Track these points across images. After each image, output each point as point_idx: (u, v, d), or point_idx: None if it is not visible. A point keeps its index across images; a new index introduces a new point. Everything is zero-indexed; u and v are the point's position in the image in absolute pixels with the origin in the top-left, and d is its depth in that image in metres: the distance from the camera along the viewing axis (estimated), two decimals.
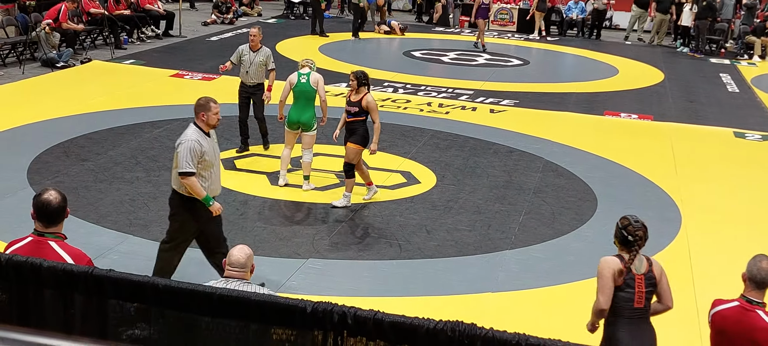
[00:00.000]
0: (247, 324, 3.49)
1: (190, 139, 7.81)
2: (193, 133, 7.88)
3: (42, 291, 3.76)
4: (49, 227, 5.28)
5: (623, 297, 5.90)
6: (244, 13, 28.61)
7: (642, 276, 5.94)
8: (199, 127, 7.93)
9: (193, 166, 7.75)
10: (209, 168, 7.96)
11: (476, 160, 13.31)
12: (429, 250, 9.80)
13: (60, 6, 19.85)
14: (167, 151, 12.79)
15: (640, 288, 5.91)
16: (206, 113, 7.91)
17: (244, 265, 5.67)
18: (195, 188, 7.82)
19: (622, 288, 5.89)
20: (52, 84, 17.17)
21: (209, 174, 7.97)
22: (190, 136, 7.85)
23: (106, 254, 9.01)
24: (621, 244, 6.01)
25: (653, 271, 6.00)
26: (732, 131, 16.16)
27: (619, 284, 5.88)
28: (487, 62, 22.89)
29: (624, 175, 13.00)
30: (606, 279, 5.89)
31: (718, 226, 11.15)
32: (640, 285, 5.92)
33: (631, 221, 6.01)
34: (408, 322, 3.41)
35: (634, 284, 5.90)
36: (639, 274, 5.93)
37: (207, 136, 7.95)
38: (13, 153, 12.36)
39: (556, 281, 9.12)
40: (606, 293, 5.89)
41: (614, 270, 5.88)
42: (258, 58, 12.84)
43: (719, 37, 26.82)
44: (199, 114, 7.93)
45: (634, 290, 5.90)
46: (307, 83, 11.42)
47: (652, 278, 5.99)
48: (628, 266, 5.90)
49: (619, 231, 6.03)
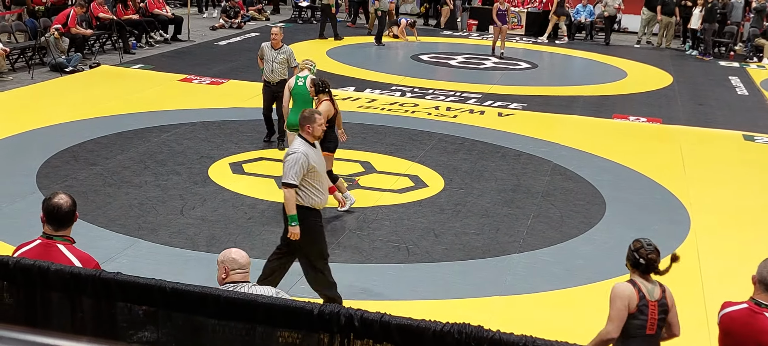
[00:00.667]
0: (254, 326, 3.50)
1: (299, 151, 7.88)
2: (301, 145, 7.95)
3: (49, 294, 3.77)
4: (58, 230, 5.30)
5: (636, 324, 5.77)
6: (252, 17, 28.66)
7: (655, 303, 5.80)
8: (305, 138, 8.01)
9: (297, 180, 7.79)
10: (319, 179, 8.02)
11: (484, 163, 13.30)
12: (437, 254, 9.79)
13: (69, 11, 19.90)
14: (175, 156, 12.83)
15: (653, 315, 5.78)
16: (311, 126, 7.98)
17: (245, 266, 5.72)
18: (291, 202, 7.86)
19: (635, 315, 5.75)
20: (61, 88, 17.23)
21: (320, 184, 8.04)
22: (299, 148, 7.92)
23: (114, 258, 9.03)
24: (633, 267, 5.88)
25: (666, 298, 5.88)
26: (741, 134, 16.12)
27: (632, 311, 5.74)
28: (495, 66, 22.88)
29: (633, 178, 12.98)
30: (619, 309, 5.75)
31: (727, 229, 11.12)
32: (653, 312, 5.79)
33: (643, 244, 5.86)
34: (415, 324, 3.40)
35: (648, 311, 5.78)
36: (652, 300, 5.80)
37: (313, 146, 8.03)
38: (22, 157, 12.40)
39: (564, 285, 9.11)
40: (617, 322, 5.75)
41: (628, 299, 5.75)
42: (280, 56, 13.42)
43: (728, 40, 26.76)
44: (305, 127, 8.01)
45: (647, 317, 5.78)
46: (304, 86, 11.47)
47: (665, 305, 5.85)
48: (642, 292, 5.78)
49: (631, 254, 5.88)
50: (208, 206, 10.90)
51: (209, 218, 10.48)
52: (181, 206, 10.81)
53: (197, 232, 10.02)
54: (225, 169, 12.40)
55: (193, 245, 9.63)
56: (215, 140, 13.78)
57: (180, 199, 11.08)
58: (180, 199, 11.08)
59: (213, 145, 13.52)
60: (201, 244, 9.66)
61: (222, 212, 10.70)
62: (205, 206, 10.87)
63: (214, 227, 10.22)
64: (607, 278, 9.27)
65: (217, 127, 14.59)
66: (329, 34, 25.31)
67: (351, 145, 12.60)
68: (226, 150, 13.21)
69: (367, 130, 14.83)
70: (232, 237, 9.87)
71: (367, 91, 18.23)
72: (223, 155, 12.97)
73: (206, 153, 13.06)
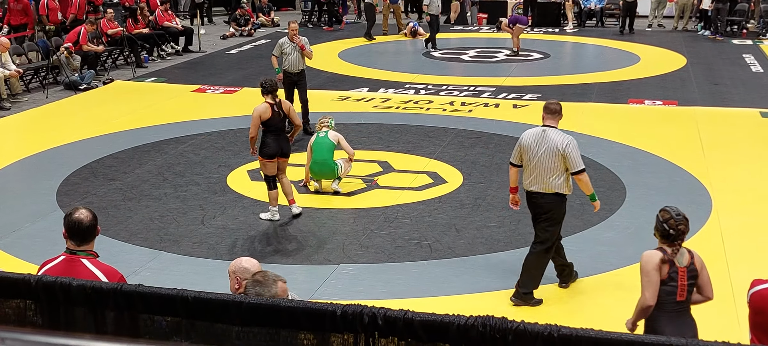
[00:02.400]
0: (278, 330, 3.49)
1: (572, 138, 8.30)
2: (566, 134, 8.35)
3: (73, 310, 3.77)
4: (81, 245, 5.31)
5: (666, 291, 5.82)
6: (262, 24, 28.70)
7: (684, 269, 5.85)
8: None
9: (583, 163, 8.22)
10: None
11: (502, 156, 13.25)
12: (459, 249, 9.78)
13: (79, 29, 19.99)
14: (193, 166, 12.85)
15: (683, 281, 5.83)
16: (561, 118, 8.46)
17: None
18: (589, 184, 8.31)
19: (665, 282, 5.81)
20: (76, 106, 17.30)
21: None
22: (570, 136, 8.33)
23: (138, 271, 9.06)
24: (662, 237, 5.90)
25: (695, 263, 5.91)
26: (758, 111, 16.01)
27: (663, 277, 5.79)
28: (508, 58, 22.82)
29: (651, 162, 12.91)
30: (651, 274, 5.80)
31: (750, 207, 11.05)
32: (683, 278, 5.84)
33: (672, 214, 5.87)
34: (438, 319, 3.39)
35: (678, 277, 5.82)
36: (682, 266, 5.85)
37: None
38: (41, 177, 12.46)
39: (588, 272, 9.07)
40: (652, 288, 5.80)
41: (658, 264, 5.79)
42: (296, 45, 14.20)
43: (740, 17, 26.60)
44: (556, 119, 8.39)
45: (677, 283, 5.83)
46: (326, 137, 11.60)
47: (694, 269, 5.90)
48: (672, 259, 5.82)
49: (660, 224, 5.89)
50: (228, 214, 10.92)
51: (230, 226, 10.50)
52: (201, 216, 10.84)
53: (219, 241, 10.04)
54: (244, 176, 12.42)
55: (215, 254, 9.64)
56: (232, 149, 13.81)
57: (200, 209, 11.11)
58: (200, 209, 11.11)
59: (230, 153, 13.55)
60: (223, 253, 9.68)
61: (242, 220, 10.71)
62: (225, 215, 10.89)
63: (236, 234, 10.24)
64: (630, 263, 9.23)
65: (233, 135, 14.61)
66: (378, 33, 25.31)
67: (368, 145, 12.59)
68: (243, 158, 13.22)
69: (383, 129, 14.82)
70: (254, 244, 9.89)
71: (380, 91, 18.22)
72: (240, 163, 12.99)
73: (224, 162, 13.08)
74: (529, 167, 8.29)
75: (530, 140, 8.28)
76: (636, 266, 9.12)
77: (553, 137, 8.19)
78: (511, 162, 8.54)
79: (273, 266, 8.64)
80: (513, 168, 8.55)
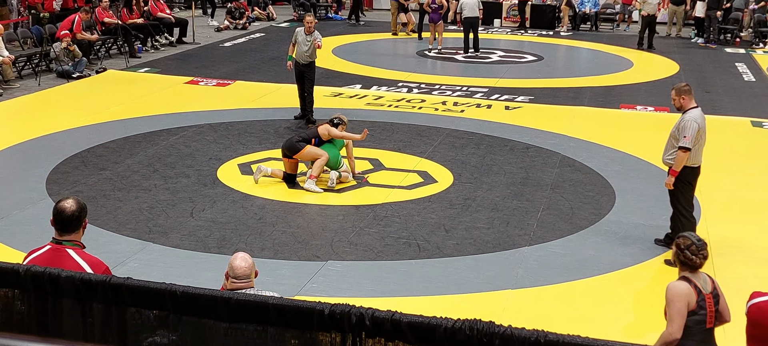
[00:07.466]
0: (265, 328, 3.50)
1: (696, 118, 9.19)
2: (698, 113, 9.22)
3: (60, 301, 3.77)
4: (64, 234, 5.30)
5: (696, 320, 5.66)
6: (257, 18, 28.66)
7: (710, 295, 5.71)
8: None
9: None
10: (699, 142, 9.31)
11: (492, 157, 13.29)
12: (448, 249, 9.79)
13: (74, 17, 19.94)
14: (184, 158, 12.84)
15: (711, 308, 5.69)
16: None
17: (249, 275, 5.72)
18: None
19: (695, 312, 5.64)
20: (69, 95, 17.26)
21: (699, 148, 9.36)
22: (696, 116, 9.21)
23: (125, 262, 9.05)
24: (684, 265, 5.74)
25: (716, 287, 5.80)
26: (749, 120, 16.06)
27: (692, 308, 5.63)
28: (501, 59, 22.85)
29: (641, 167, 12.94)
30: (679, 309, 5.61)
31: (738, 216, 11.09)
32: (711, 305, 5.69)
33: (693, 240, 5.74)
34: (426, 322, 3.40)
35: (706, 305, 5.67)
36: (707, 293, 5.70)
37: None
38: (31, 164, 12.43)
39: (575, 277, 9.09)
40: (679, 321, 5.60)
41: (687, 296, 5.63)
42: (309, 38, 14.88)
43: (733, 26, 26.66)
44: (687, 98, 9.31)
45: (706, 311, 5.67)
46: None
47: (717, 294, 5.77)
48: (698, 288, 5.68)
49: (680, 253, 5.74)
50: (217, 207, 10.91)
51: (219, 220, 10.49)
52: (190, 209, 10.83)
53: (208, 234, 10.03)
54: (234, 170, 12.41)
55: (204, 247, 9.64)
56: (223, 142, 13.79)
57: (189, 201, 11.10)
58: (189, 201, 11.10)
59: (221, 146, 13.53)
60: (212, 246, 9.67)
61: (232, 213, 10.71)
62: (214, 208, 10.88)
63: (225, 228, 10.23)
64: (618, 268, 9.28)
65: (224, 128, 14.60)
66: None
67: (360, 143, 12.59)
68: (234, 151, 13.22)
69: (375, 127, 14.81)
70: (243, 238, 9.88)
71: (373, 89, 18.23)
72: (231, 156, 12.98)
73: (215, 155, 13.07)
74: (700, 144, 9.35)
75: (704, 123, 9.31)
76: (625, 270, 9.22)
77: None
78: (689, 146, 9.23)
79: (261, 260, 8.65)
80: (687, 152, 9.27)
